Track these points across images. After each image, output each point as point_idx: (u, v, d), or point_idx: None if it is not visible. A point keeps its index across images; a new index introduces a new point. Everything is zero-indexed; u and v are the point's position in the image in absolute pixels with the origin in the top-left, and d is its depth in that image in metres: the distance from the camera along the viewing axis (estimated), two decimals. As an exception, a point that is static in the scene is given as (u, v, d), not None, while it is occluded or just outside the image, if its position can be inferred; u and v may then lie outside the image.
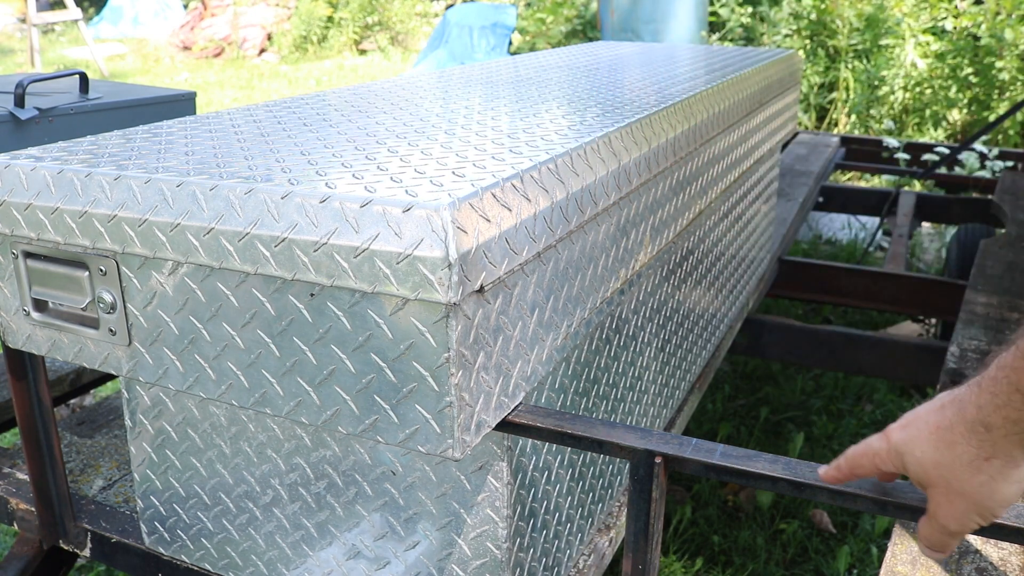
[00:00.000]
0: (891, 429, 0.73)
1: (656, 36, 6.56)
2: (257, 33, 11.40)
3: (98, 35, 12.33)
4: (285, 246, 0.85)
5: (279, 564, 1.17)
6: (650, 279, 1.42)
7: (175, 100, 2.00)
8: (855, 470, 0.77)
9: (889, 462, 0.73)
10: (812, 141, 4.14)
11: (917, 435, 0.69)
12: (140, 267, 0.97)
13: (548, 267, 0.97)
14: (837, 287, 2.76)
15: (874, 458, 0.75)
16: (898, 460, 0.72)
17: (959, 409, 0.66)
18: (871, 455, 0.75)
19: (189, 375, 0.99)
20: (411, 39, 11.14)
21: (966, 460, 0.66)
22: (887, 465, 0.74)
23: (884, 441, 0.74)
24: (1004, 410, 0.62)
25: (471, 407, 0.86)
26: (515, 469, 1.01)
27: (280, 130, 1.16)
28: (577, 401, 1.20)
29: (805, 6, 6.27)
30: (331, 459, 1.08)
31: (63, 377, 1.75)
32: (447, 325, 0.80)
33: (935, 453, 0.67)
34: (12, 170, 1.03)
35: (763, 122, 2.07)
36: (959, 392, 0.68)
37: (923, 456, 0.68)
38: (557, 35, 7.98)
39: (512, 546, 1.03)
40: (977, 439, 0.65)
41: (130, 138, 1.15)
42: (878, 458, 0.75)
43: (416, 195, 0.82)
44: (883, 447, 0.74)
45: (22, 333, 1.10)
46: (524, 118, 1.22)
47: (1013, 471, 0.65)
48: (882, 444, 0.74)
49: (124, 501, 1.43)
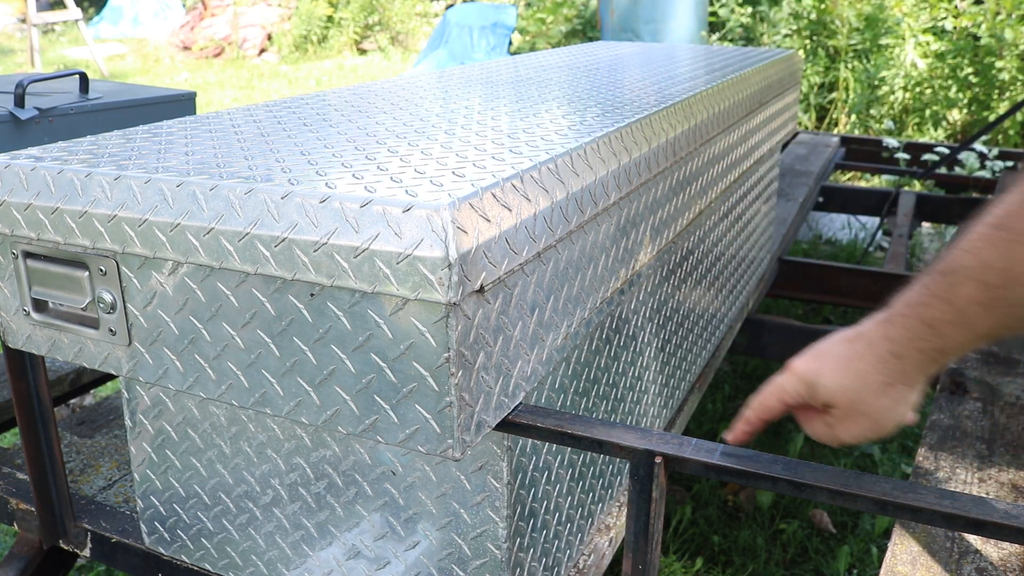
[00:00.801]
0: (795, 364, 0.82)
1: (656, 36, 6.56)
2: (257, 33, 11.40)
3: (98, 35, 12.33)
4: (285, 246, 0.85)
5: (279, 564, 1.17)
6: (650, 279, 1.42)
7: (175, 100, 2.00)
8: (764, 414, 0.85)
9: (796, 393, 0.81)
10: (812, 141, 4.14)
11: (827, 366, 0.78)
12: (140, 267, 0.97)
13: (548, 267, 0.97)
14: (837, 287, 2.76)
15: (781, 394, 0.83)
16: (806, 388, 0.80)
17: (868, 343, 0.75)
18: (778, 392, 0.83)
19: (189, 375, 0.99)
20: (411, 39, 11.14)
21: (874, 386, 0.75)
22: (794, 397, 0.82)
23: (790, 375, 0.82)
24: (914, 342, 0.71)
25: (471, 407, 0.86)
26: (515, 469, 1.01)
27: (280, 130, 1.16)
28: (577, 401, 1.20)
29: (805, 6, 6.27)
30: (331, 459, 1.08)
31: (63, 377, 1.75)
32: (447, 325, 0.80)
33: (844, 380, 0.76)
34: (12, 170, 1.03)
35: (763, 122, 2.07)
36: (863, 329, 0.76)
37: (832, 383, 0.77)
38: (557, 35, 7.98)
39: (512, 546, 1.03)
40: (886, 368, 0.74)
41: (130, 138, 1.15)
42: (784, 392, 0.82)
43: (416, 195, 0.82)
44: (789, 380, 0.82)
45: (22, 333, 1.10)
46: (524, 118, 1.22)
47: (912, 395, 0.76)
48: (788, 378, 0.82)
49: (124, 501, 1.43)
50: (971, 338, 0.68)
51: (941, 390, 1.76)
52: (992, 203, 0.64)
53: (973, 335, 0.67)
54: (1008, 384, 1.78)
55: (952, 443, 1.56)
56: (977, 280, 0.63)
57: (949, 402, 1.71)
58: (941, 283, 0.67)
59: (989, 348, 1.95)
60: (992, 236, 0.63)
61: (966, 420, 1.64)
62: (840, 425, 0.80)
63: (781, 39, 6.29)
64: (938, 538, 1.28)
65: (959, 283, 0.65)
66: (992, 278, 0.62)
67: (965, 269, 0.64)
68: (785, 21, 6.30)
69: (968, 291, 0.64)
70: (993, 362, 1.88)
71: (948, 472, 1.47)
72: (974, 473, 1.47)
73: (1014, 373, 1.83)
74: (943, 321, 0.68)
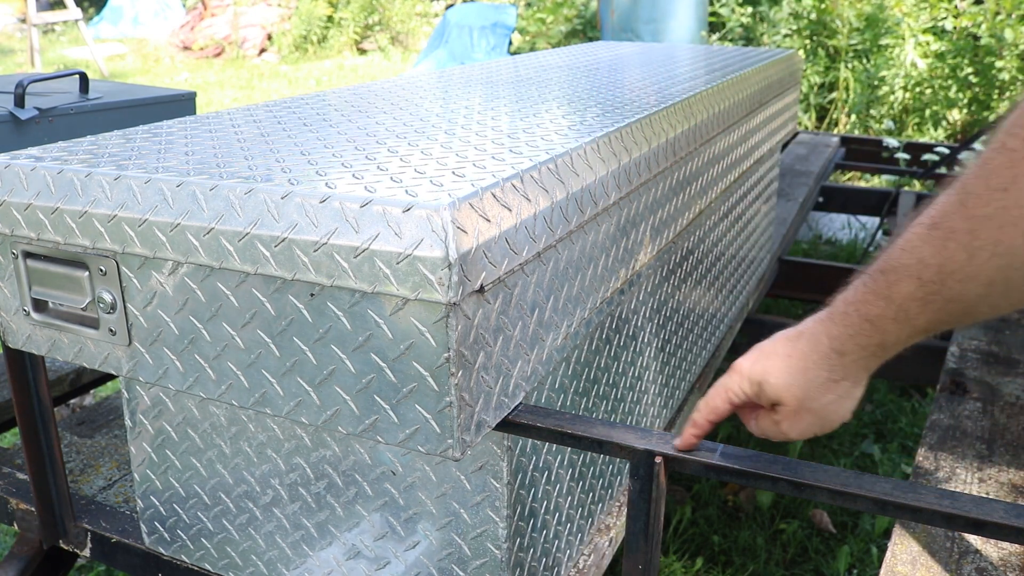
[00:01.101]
0: (740, 364, 0.83)
1: (656, 36, 6.56)
2: (257, 33, 11.40)
3: (98, 35, 12.33)
4: (285, 246, 0.85)
5: (279, 564, 1.17)
6: (650, 279, 1.42)
7: (175, 100, 2.00)
8: (712, 415, 0.87)
9: (743, 393, 0.83)
10: (812, 141, 4.14)
11: (773, 364, 0.80)
12: (140, 267, 0.97)
13: (548, 267, 0.97)
14: (837, 287, 2.75)
15: (728, 395, 0.84)
16: (753, 388, 0.82)
17: (812, 340, 0.77)
18: (725, 393, 0.85)
19: (189, 375, 0.99)
20: (411, 39, 11.14)
21: (818, 383, 0.77)
22: (741, 397, 0.84)
23: (737, 375, 0.83)
24: (856, 338, 0.73)
25: (471, 407, 0.86)
26: (515, 469, 1.01)
27: (280, 130, 1.16)
28: (577, 401, 1.20)
29: (805, 6, 6.27)
30: (331, 459, 1.08)
31: (63, 377, 1.75)
32: (447, 325, 0.80)
33: (790, 378, 0.78)
34: (12, 170, 1.03)
35: (763, 122, 2.07)
36: (806, 327, 0.79)
37: (779, 381, 0.79)
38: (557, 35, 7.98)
39: (512, 546, 1.03)
40: (830, 364, 0.76)
41: (130, 138, 1.15)
42: (731, 393, 0.84)
43: (416, 195, 0.82)
44: (736, 380, 0.83)
45: (22, 333, 1.10)
46: (524, 118, 1.22)
47: (856, 390, 0.78)
48: (735, 378, 0.83)
49: (124, 501, 1.43)
50: (910, 333, 0.70)
51: (941, 390, 1.76)
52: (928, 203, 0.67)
53: (912, 330, 0.70)
54: (1008, 384, 1.78)
55: (952, 443, 1.56)
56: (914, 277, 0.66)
57: (949, 402, 1.71)
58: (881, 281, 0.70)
59: (989, 348, 1.95)
60: (927, 235, 0.65)
61: (966, 420, 1.64)
62: (787, 422, 0.81)
63: (781, 39, 6.29)
64: (938, 538, 1.28)
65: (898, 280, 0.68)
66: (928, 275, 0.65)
67: (903, 267, 0.67)
68: (785, 21, 6.30)
69: (906, 288, 0.67)
70: (993, 362, 1.88)
71: (948, 472, 1.47)
72: (974, 473, 1.47)
73: (1014, 373, 1.83)
74: (883, 317, 0.70)
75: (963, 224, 0.62)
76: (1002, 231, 0.60)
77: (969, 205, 0.62)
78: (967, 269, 0.63)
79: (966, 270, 0.63)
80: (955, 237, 0.63)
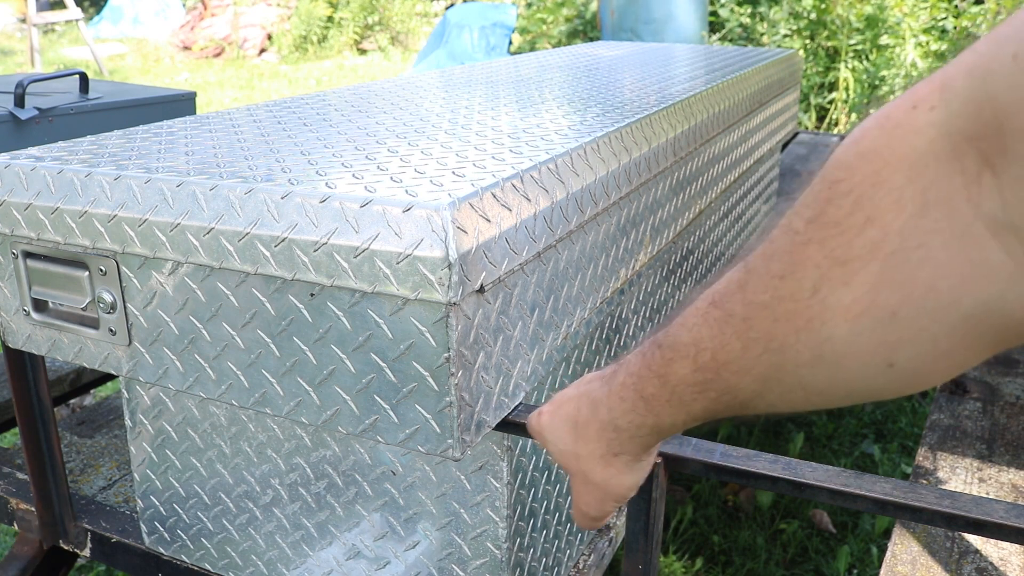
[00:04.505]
0: (543, 410, 0.76)
1: (656, 36, 6.56)
2: (257, 33, 11.40)
3: (98, 35, 12.32)
4: (285, 246, 0.85)
5: (279, 564, 1.17)
6: (650, 279, 1.42)
7: (175, 100, 2.00)
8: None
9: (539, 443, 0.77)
10: (812, 141, 4.14)
11: (555, 424, 0.73)
12: (140, 267, 0.97)
13: (548, 267, 0.97)
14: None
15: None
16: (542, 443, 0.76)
17: (593, 408, 0.70)
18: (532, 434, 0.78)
19: (189, 375, 0.99)
20: (411, 39, 11.14)
21: (597, 455, 0.70)
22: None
23: (535, 421, 0.76)
24: (630, 415, 0.66)
25: (471, 407, 0.86)
26: (515, 469, 1.01)
27: (280, 130, 1.16)
28: (577, 401, 1.20)
29: (805, 6, 6.27)
30: (331, 459, 1.08)
31: (63, 377, 1.75)
32: (447, 325, 0.80)
33: (571, 446, 0.72)
34: (12, 170, 1.03)
35: (763, 122, 2.07)
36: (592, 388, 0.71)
37: (561, 447, 0.73)
38: (557, 35, 7.98)
39: (512, 546, 1.03)
40: (607, 438, 0.69)
41: (130, 138, 1.15)
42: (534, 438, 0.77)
43: (416, 195, 0.82)
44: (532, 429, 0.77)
45: (22, 333, 1.10)
46: (524, 118, 1.22)
47: (637, 464, 0.71)
48: (532, 424, 0.77)
49: (124, 501, 1.43)
50: (684, 419, 0.62)
51: (941, 390, 1.76)
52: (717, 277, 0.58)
53: (686, 416, 0.62)
54: (1008, 384, 1.78)
55: (952, 443, 1.56)
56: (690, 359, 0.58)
57: (949, 402, 1.71)
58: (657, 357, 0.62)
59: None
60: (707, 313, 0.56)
61: (966, 420, 1.64)
62: (580, 498, 0.74)
63: (781, 39, 6.29)
64: (938, 538, 1.28)
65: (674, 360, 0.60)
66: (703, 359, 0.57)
67: (682, 346, 0.59)
68: (785, 21, 6.30)
69: (681, 370, 0.59)
70: (993, 362, 1.88)
71: (948, 472, 1.47)
72: (974, 473, 1.47)
73: (1014, 373, 1.83)
74: (657, 398, 0.62)
75: (740, 309, 0.53)
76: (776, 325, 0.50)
77: (748, 289, 0.53)
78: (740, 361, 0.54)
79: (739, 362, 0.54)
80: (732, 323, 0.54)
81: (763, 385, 0.54)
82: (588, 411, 0.70)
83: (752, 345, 0.53)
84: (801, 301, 0.48)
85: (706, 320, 0.56)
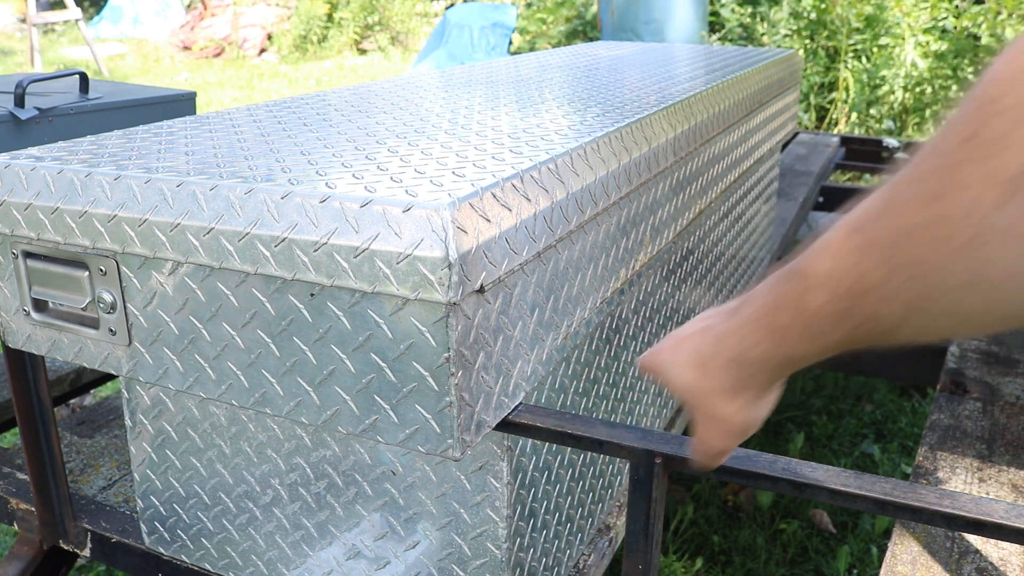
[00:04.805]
0: (661, 347, 0.74)
1: (656, 36, 6.56)
2: (257, 33, 11.40)
3: (98, 35, 12.32)
4: (285, 246, 0.85)
5: (279, 564, 1.17)
6: (650, 279, 1.42)
7: (175, 100, 2.00)
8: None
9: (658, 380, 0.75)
10: (812, 141, 4.14)
11: (678, 359, 0.71)
12: (140, 267, 0.97)
13: (548, 267, 0.97)
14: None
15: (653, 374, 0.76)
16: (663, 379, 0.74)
17: (716, 342, 0.68)
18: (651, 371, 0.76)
19: (189, 375, 0.99)
20: (411, 39, 11.14)
21: (722, 390, 0.68)
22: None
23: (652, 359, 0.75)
24: (759, 348, 0.64)
25: (471, 407, 0.86)
26: (515, 469, 1.01)
27: (280, 130, 1.16)
28: (577, 401, 1.20)
29: (805, 6, 6.26)
30: (331, 459, 1.08)
31: (63, 377, 1.75)
32: (447, 325, 0.80)
33: (692, 380, 0.70)
34: (12, 170, 1.03)
35: (763, 122, 2.07)
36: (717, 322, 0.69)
37: (680, 381, 0.71)
38: (557, 35, 7.98)
39: (512, 546, 1.03)
40: (733, 372, 0.67)
41: (130, 138, 1.15)
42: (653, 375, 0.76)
43: (416, 195, 0.82)
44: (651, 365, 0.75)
45: (22, 333, 1.10)
46: (524, 118, 1.22)
47: (761, 399, 0.69)
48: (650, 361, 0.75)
49: (124, 501, 1.43)
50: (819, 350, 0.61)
51: (941, 390, 1.76)
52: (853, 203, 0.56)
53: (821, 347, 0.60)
54: (1008, 384, 1.78)
55: (952, 443, 1.56)
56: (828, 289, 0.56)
57: (949, 402, 1.71)
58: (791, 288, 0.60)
59: (989, 348, 1.95)
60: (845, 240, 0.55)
61: (966, 420, 1.64)
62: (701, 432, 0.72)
63: (781, 39, 6.28)
64: (938, 538, 1.28)
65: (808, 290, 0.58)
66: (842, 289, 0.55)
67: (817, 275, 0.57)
68: (785, 21, 6.30)
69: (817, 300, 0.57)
70: (993, 362, 1.88)
71: (948, 472, 1.47)
72: (974, 473, 1.47)
73: (1014, 373, 1.83)
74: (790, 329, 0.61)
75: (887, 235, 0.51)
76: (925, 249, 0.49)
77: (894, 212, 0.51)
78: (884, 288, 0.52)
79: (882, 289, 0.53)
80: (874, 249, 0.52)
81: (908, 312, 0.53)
82: (712, 345, 0.68)
83: (898, 271, 0.51)
84: (956, 222, 0.47)
85: (844, 247, 0.54)
